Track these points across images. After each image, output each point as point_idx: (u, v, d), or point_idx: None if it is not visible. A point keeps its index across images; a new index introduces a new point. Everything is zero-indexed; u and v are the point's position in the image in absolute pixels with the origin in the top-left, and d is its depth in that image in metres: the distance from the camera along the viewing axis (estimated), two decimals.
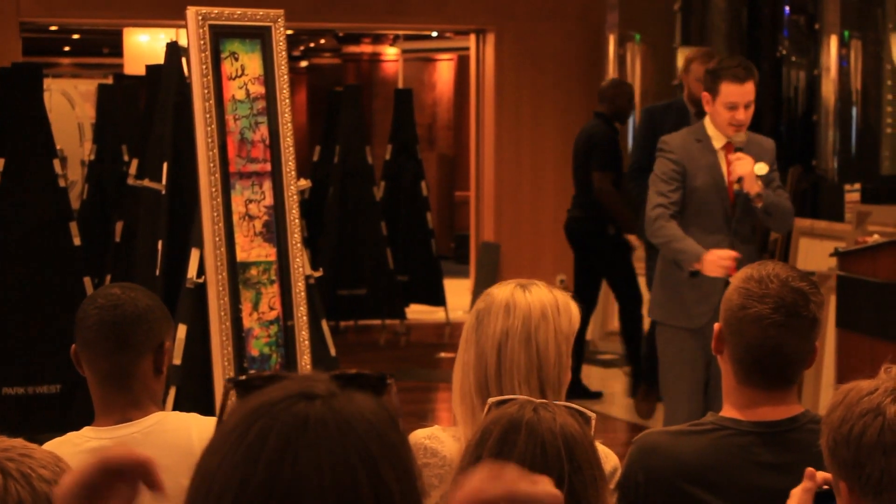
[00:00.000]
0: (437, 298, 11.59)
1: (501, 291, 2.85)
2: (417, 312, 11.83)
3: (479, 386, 2.79)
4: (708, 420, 2.89)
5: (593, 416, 2.36)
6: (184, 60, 5.84)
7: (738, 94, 5.49)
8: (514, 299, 2.83)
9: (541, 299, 2.83)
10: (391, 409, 1.39)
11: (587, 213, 8.71)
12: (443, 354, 10.68)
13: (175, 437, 2.84)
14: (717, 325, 2.89)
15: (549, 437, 2.15)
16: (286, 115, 5.51)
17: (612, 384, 9.26)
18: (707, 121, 5.62)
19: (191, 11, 5.36)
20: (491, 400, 2.43)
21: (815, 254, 8.19)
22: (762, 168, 5.52)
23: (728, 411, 2.88)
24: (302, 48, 19.56)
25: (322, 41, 19.20)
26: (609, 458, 2.87)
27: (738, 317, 2.82)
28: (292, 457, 1.29)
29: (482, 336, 2.83)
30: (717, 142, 5.59)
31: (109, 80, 15.54)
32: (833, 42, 9.83)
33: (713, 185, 5.58)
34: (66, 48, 19.69)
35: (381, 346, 11.12)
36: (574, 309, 2.89)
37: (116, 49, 16.55)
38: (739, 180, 5.46)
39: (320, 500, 1.29)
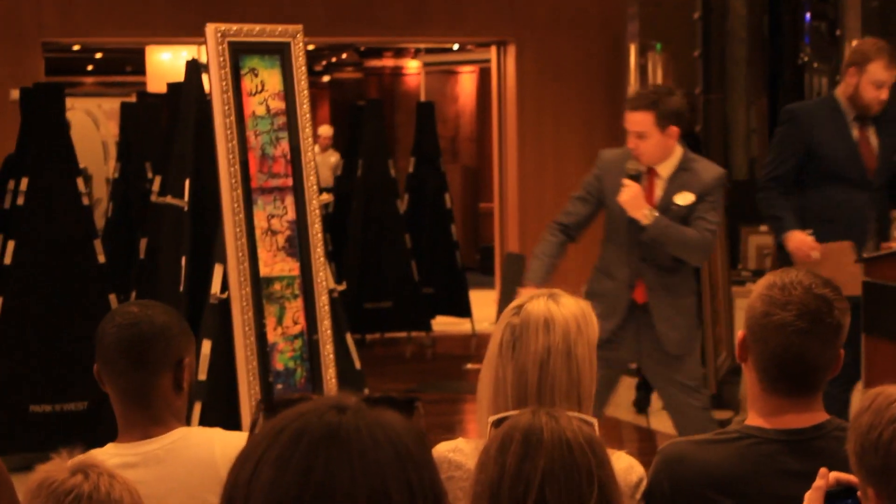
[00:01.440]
0: (463, 310, 11.59)
1: (536, 306, 2.82)
2: (443, 324, 11.83)
3: (517, 402, 2.75)
4: (733, 428, 2.88)
5: (595, 420, 2.36)
6: (204, 77, 5.85)
7: (629, 122, 5.45)
8: (551, 314, 2.80)
9: (573, 311, 2.82)
10: (418, 427, 1.43)
11: None
12: (469, 366, 10.66)
13: (198, 452, 2.83)
14: (740, 333, 2.87)
15: (571, 436, 2.15)
16: (307, 129, 5.52)
17: (632, 393, 9.21)
18: None
19: (210, 28, 5.37)
20: (490, 418, 2.43)
21: None
22: (685, 198, 5.45)
23: (753, 419, 2.86)
24: (324, 63, 19.60)
25: (344, 55, 19.24)
26: (634, 469, 2.86)
27: (762, 324, 2.80)
28: (324, 461, 1.33)
29: (522, 352, 2.79)
30: (632, 165, 5.51)
31: (132, 99, 15.58)
32: None
33: (621, 207, 5.50)
34: (90, 67, 19.78)
35: (407, 359, 11.12)
36: (595, 318, 2.89)
37: (139, 67, 16.63)
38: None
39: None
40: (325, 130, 15.35)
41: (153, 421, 2.85)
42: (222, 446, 2.85)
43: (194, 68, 5.91)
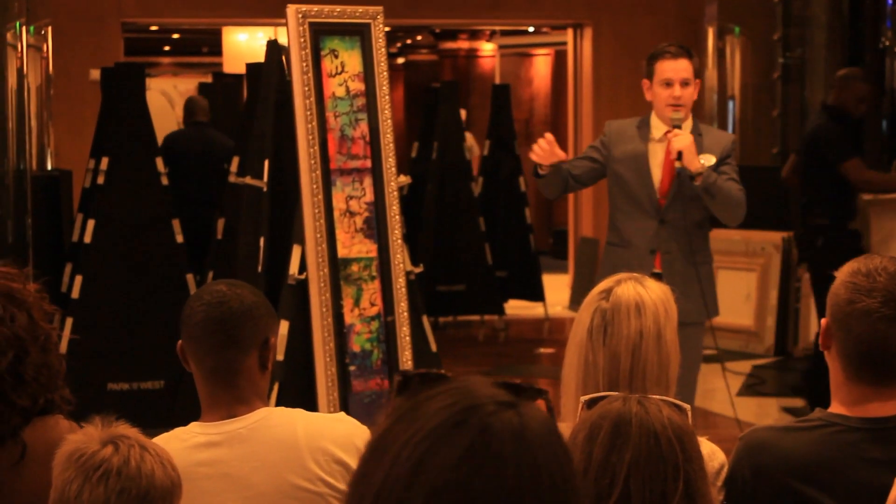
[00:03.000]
0: (536, 294, 11.57)
1: (626, 290, 2.81)
2: (516, 308, 11.82)
3: (609, 387, 2.74)
4: (816, 416, 2.86)
5: (688, 407, 2.34)
6: (284, 58, 5.87)
7: (673, 70, 5.41)
8: (641, 298, 2.79)
9: (660, 295, 2.82)
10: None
11: (836, 222, 7.87)
12: (541, 350, 10.66)
13: (281, 432, 2.85)
14: (823, 321, 2.84)
15: (660, 428, 2.13)
16: (386, 111, 5.53)
17: (711, 380, 9.18)
18: (654, 113, 5.56)
19: (291, 9, 5.39)
20: (583, 398, 2.42)
21: None
22: (709, 159, 5.39)
23: (836, 407, 2.84)
24: (399, 45, 19.61)
25: (419, 38, 19.25)
26: (716, 455, 2.84)
27: (846, 311, 2.77)
28: (514, 468, 1.33)
29: (614, 337, 2.78)
30: (657, 131, 5.50)
31: (209, 79, 15.68)
32: None
33: (636, 171, 5.49)
34: (167, 48, 19.91)
35: (479, 342, 11.13)
36: (675, 302, 2.88)
37: (215, 48, 16.73)
38: (679, 156, 5.34)
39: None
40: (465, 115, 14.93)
41: (238, 400, 2.86)
42: (305, 427, 2.86)
43: (274, 49, 5.93)
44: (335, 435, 2.87)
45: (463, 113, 12.01)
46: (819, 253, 7.82)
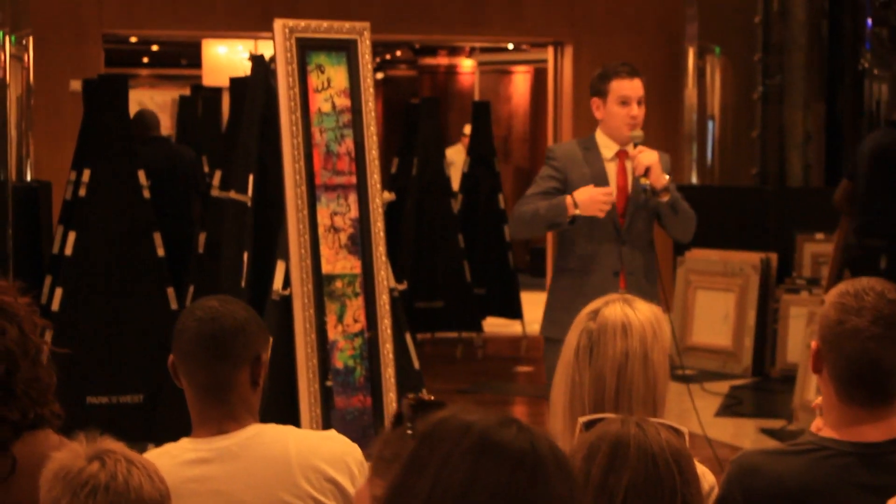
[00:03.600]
0: (514, 311, 11.56)
1: (613, 310, 2.81)
2: (494, 325, 11.82)
3: (595, 407, 2.74)
4: (807, 440, 2.86)
5: (686, 430, 2.34)
6: (269, 73, 5.86)
7: (630, 89, 5.39)
8: (628, 319, 2.79)
9: (648, 317, 2.81)
10: None
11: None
12: (520, 368, 10.65)
13: (273, 449, 2.84)
14: (813, 344, 2.84)
15: (658, 450, 2.13)
16: (371, 127, 5.52)
17: (688, 400, 9.18)
18: (598, 131, 5.52)
19: (278, 24, 5.39)
20: (581, 419, 2.41)
21: None
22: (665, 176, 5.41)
23: (827, 431, 2.84)
24: (378, 60, 19.62)
25: (398, 53, 19.26)
26: (706, 477, 2.84)
27: (836, 332, 2.78)
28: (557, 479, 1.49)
29: (599, 358, 2.78)
30: (608, 150, 5.46)
31: (186, 91, 15.66)
32: None
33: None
34: (145, 59, 19.88)
35: (457, 359, 11.12)
36: (667, 323, 2.88)
37: (194, 60, 16.70)
38: (646, 173, 5.30)
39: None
40: (468, 129, 14.77)
41: (229, 416, 2.85)
42: (296, 444, 2.86)
43: (261, 63, 5.93)
44: (326, 453, 2.87)
45: (467, 128, 11.87)
46: (882, 275, 7.75)
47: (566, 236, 5.51)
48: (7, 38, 7.87)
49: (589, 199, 5.25)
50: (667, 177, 5.33)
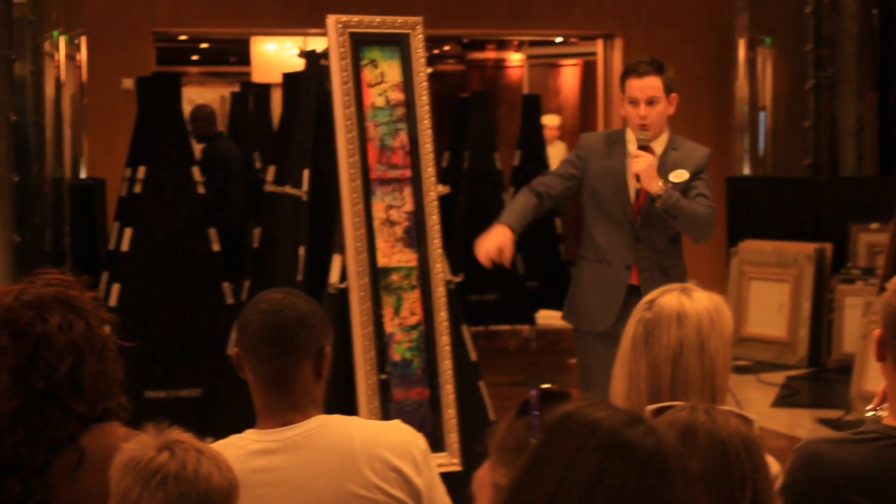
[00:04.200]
0: None
1: (668, 300, 2.81)
2: (547, 318, 11.80)
3: (651, 397, 2.74)
4: (872, 428, 2.84)
5: (755, 418, 2.33)
6: (322, 68, 5.88)
7: (639, 89, 5.38)
8: (683, 308, 2.79)
9: (705, 305, 2.80)
10: None
11: None
12: (572, 360, 10.62)
13: (337, 439, 2.85)
14: (877, 332, 2.83)
15: (727, 438, 2.13)
16: (425, 121, 5.53)
17: (745, 391, 9.16)
18: (629, 127, 5.53)
19: (331, 19, 5.40)
20: (650, 408, 2.41)
21: None
22: (680, 175, 5.36)
23: (892, 419, 2.83)
24: (426, 55, 19.62)
25: (446, 48, 19.26)
26: (771, 465, 2.84)
27: None
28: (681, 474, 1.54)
29: (654, 347, 2.78)
30: (632, 145, 5.46)
31: (236, 88, 15.72)
32: None
33: (613, 187, 5.45)
34: (195, 57, 19.97)
35: (510, 352, 11.13)
36: (728, 311, 2.87)
37: (243, 58, 16.76)
38: (638, 178, 5.33)
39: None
40: (552, 120, 14.62)
41: (293, 408, 2.87)
42: (361, 434, 2.87)
43: (314, 59, 5.94)
44: (391, 442, 2.88)
45: (548, 119, 11.59)
46: None
47: (587, 226, 5.56)
48: (61, 38, 7.93)
49: (481, 243, 5.46)
50: (660, 183, 5.29)
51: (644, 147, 5.39)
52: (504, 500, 1.48)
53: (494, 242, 5.42)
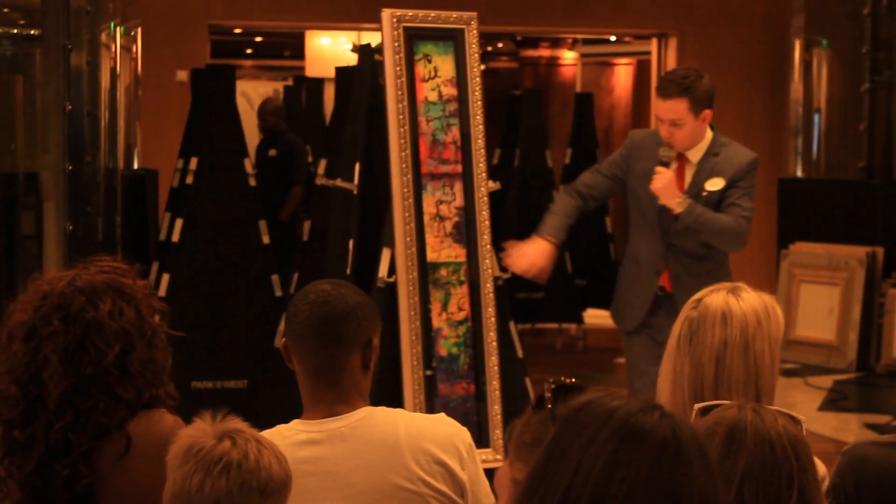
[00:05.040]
0: None
1: (714, 299, 2.80)
2: (594, 317, 11.77)
3: (694, 396, 2.74)
4: None
5: (803, 418, 2.32)
6: (375, 62, 5.89)
7: (662, 110, 5.27)
8: (729, 308, 2.78)
9: (753, 306, 2.79)
10: None
11: None
12: (620, 360, 10.60)
13: (382, 432, 2.86)
14: None
15: (775, 436, 2.12)
16: (478, 117, 5.54)
17: (793, 394, 9.11)
18: None
19: (386, 13, 5.41)
20: (697, 406, 2.40)
21: None
22: (716, 184, 5.28)
23: None
24: (480, 51, 19.62)
25: (500, 45, 19.25)
26: (818, 467, 2.82)
27: None
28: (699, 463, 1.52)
29: (698, 346, 2.78)
30: (673, 151, 5.36)
31: (289, 82, 15.77)
32: None
33: (647, 190, 5.36)
34: (249, 50, 20.04)
35: (557, 350, 11.11)
36: (780, 312, 2.85)
37: (297, 52, 16.80)
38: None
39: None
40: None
41: (340, 399, 2.88)
42: (406, 427, 2.87)
43: (367, 53, 5.95)
44: (436, 435, 2.88)
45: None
46: None
47: (630, 227, 5.54)
48: (117, 30, 7.98)
49: (514, 254, 5.40)
50: (678, 199, 5.24)
51: (666, 163, 5.32)
52: (521, 494, 1.48)
53: (527, 260, 5.38)
